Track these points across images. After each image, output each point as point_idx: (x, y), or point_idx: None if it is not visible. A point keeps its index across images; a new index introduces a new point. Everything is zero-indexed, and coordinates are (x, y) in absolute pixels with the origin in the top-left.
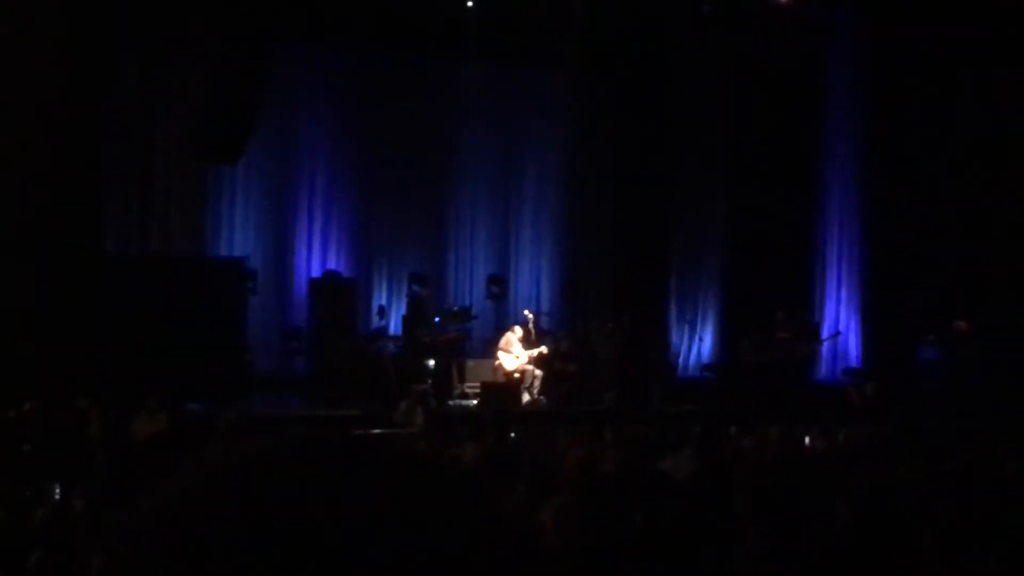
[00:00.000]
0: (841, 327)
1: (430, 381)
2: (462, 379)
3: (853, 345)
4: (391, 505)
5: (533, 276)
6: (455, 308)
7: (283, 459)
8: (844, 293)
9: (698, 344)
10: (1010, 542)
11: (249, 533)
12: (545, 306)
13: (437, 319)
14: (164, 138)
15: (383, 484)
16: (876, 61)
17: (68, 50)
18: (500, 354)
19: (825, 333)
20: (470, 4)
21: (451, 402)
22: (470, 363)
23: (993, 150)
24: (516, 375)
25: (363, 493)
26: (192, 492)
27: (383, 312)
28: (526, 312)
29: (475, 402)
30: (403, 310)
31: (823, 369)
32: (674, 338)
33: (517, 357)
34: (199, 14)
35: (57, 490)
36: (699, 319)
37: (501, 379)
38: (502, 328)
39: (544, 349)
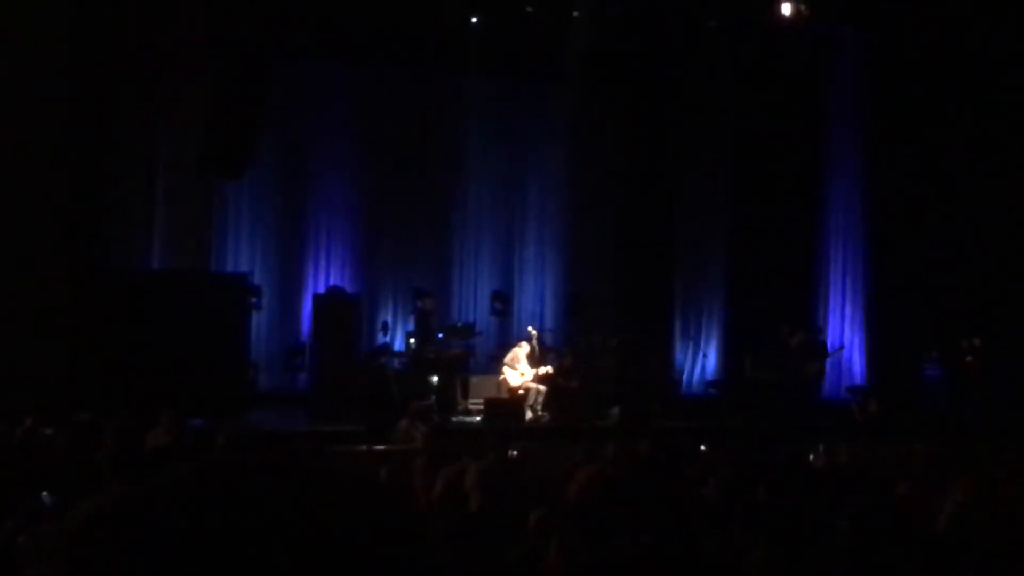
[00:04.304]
0: (845, 344)
1: (434, 397)
2: (465, 395)
3: (857, 362)
4: (324, 528)
5: (537, 292)
6: (459, 324)
7: (219, 483)
8: (848, 310)
9: (702, 361)
10: (1009, 561)
11: (172, 554)
12: (549, 322)
13: (441, 335)
14: (168, 154)
15: (317, 508)
16: (879, 77)
17: (72, 66)
18: (505, 369)
19: (829, 349)
20: (474, 20)
21: (454, 418)
22: (474, 379)
23: (996, 166)
24: (520, 391)
25: (296, 516)
26: (118, 511)
27: (386, 328)
28: (529, 329)
29: (478, 418)
30: (407, 326)
31: (827, 386)
32: (678, 355)
33: (522, 374)
34: (202, 30)
35: (55, 505)
36: (703, 336)
37: (505, 395)
38: (506, 344)
39: (550, 369)
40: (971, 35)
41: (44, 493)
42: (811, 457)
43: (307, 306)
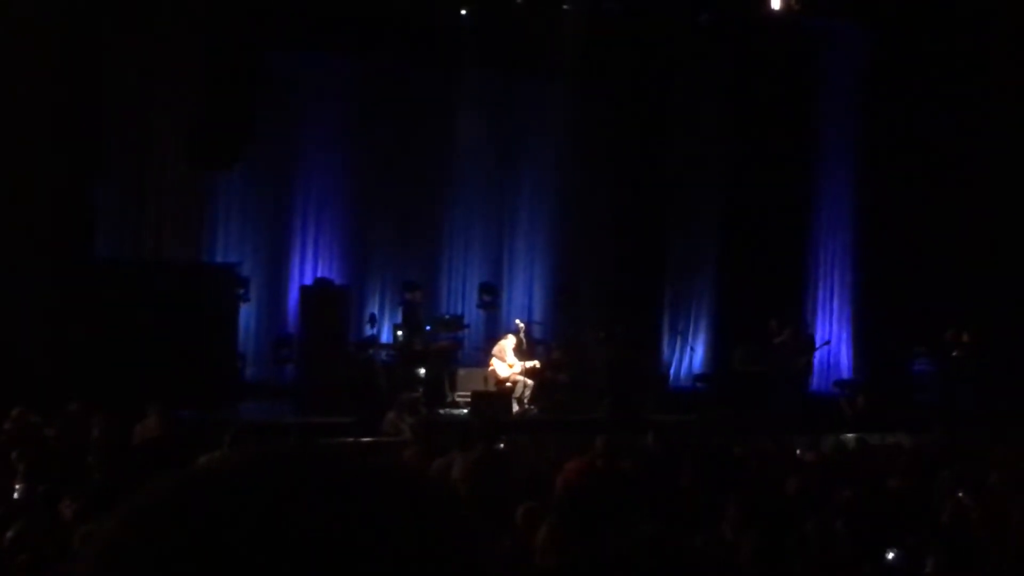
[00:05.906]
0: (833, 338)
1: (421, 389)
2: (453, 388)
3: (845, 356)
4: (361, 521)
5: (526, 285)
6: (447, 316)
7: (252, 473)
8: (836, 304)
9: (690, 354)
10: (1001, 552)
11: (215, 550)
12: (537, 315)
13: (429, 327)
14: (159, 144)
15: (353, 500)
16: (871, 72)
17: (63, 56)
18: (494, 360)
19: (817, 343)
20: (463, 13)
21: (442, 411)
22: (461, 372)
23: (987, 163)
24: (508, 384)
25: (331, 509)
26: (160, 506)
27: (373, 320)
28: (517, 321)
29: (466, 411)
30: (395, 318)
31: (815, 380)
32: (666, 348)
33: (511, 365)
34: (194, 20)
35: (44, 496)
36: (691, 329)
37: (492, 388)
38: (494, 337)
39: (537, 363)
40: (965, 28)
41: (19, 486)
42: (798, 452)
43: (294, 297)
